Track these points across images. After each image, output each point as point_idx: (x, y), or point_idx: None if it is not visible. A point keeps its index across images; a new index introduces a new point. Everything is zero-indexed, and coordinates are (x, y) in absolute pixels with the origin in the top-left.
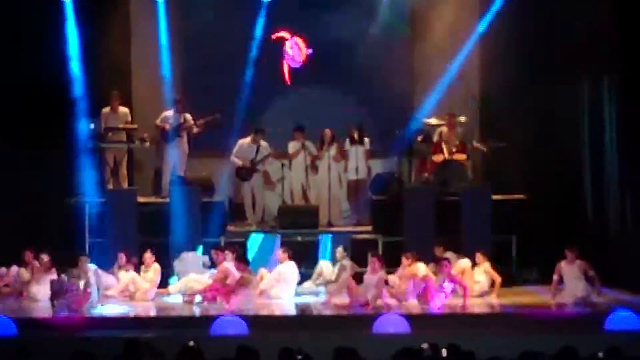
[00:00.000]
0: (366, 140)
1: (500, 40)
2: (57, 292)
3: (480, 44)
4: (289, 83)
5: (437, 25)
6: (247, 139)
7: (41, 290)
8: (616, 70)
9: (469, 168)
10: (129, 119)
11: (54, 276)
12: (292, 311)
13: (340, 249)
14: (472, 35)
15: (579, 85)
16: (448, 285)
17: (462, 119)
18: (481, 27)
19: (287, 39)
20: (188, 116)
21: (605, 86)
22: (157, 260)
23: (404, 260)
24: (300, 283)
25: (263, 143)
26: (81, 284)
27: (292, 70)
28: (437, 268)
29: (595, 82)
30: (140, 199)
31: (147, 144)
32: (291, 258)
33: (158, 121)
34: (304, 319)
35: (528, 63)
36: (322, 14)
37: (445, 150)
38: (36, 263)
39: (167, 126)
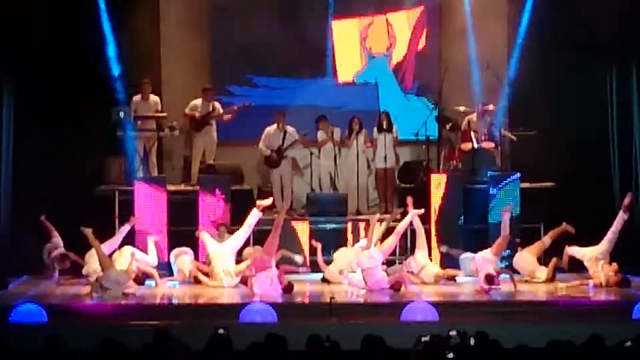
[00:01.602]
0: (394, 128)
1: (528, 27)
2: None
3: (508, 31)
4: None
5: (465, 12)
6: (274, 126)
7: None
8: None
9: (497, 156)
10: (159, 107)
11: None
12: (320, 299)
13: None
14: (501, 23)
15: (608, 72)
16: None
17: (491, 107)
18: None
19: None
20: (217, 104)
21: (634, 73)
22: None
23: None
24: None
25: (290, 129)
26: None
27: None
28: None
29: (623, 69)
30: (170, 187)
31: (177, 132)
32: None
33: (187, 110)
34: (333, 307)
35: (556, 50)
36: None
37: (473, 138)
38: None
39: (197, 114)
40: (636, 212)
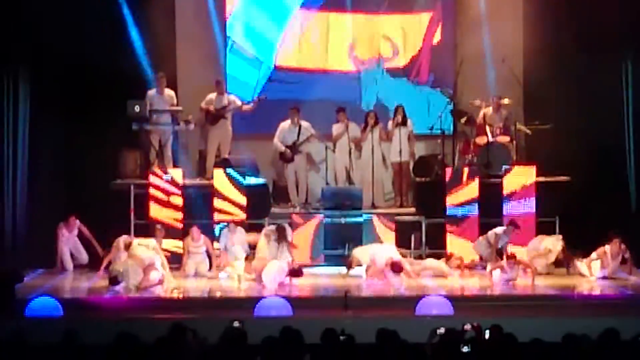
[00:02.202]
0: (409, 122)
1: (543, 20)
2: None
3: (523, 25)
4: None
5: (480, 5)
6: (288, 121)
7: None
8: None
9: (512, 150)
10: (175, 101)
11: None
12: (336, 292)
13: None
14: (516, 17)
15: (623, 66)
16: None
17: (506, 100)
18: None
19: None
20: (232, 97)
21: None
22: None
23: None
24: None
25: (304, 124)
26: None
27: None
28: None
29: (638, 63)
30: (185, 181)
31: (192, 126)
32: None
33: (203, 104)
34: (348, 300)
35: (571, 44)
36: None
37: (488, 132)
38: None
39: (212, 108)
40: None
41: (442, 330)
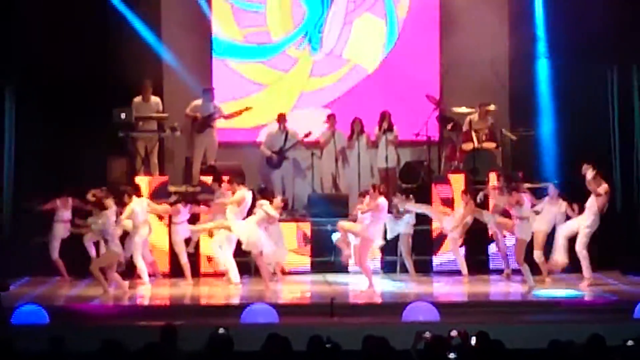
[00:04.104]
0: (395, 129)
1: (529, 27)
2: None
3: (509, 31)
4: None
5: (467, 12)
6: (275, 128)
7: None
8: None
9: (498, 156)
10: (160, 108)
11: None
12: (322, 299)
13: None
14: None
15: (609, 73)
16: None
17: (492, 107)
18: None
19: None
20: (219, 105)
21: (635, 74)
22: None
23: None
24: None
25: (291, 130)
26: None
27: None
28: None
29: (624, 70)
30: (171, 188)
31: (178, 133)
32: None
33: (188, 110)
34: (334, 307)
35: (558, 51)
36: None
37: (474, 138)
38: None
39: (198, 115)
40: (635, 213)
41: (427, 334)
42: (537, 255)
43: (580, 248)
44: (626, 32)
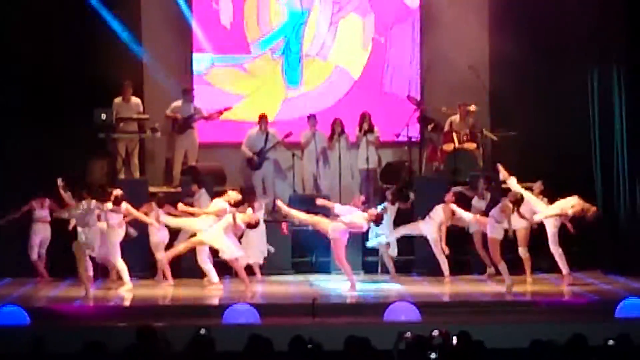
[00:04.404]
0: (376, 129)
1: (509, 27)
2: None
3: (489, 31)
4: None
5: (448, 13)
6: (255, 129)
7: None
8: (625, 60)
9: (479, 157)
10: (141, 109)
11: None
12: (303, 300)
13: None
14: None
15: (589, 74)
16: None
17: (473, 107)
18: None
19: None
20: (199, 106)
21: (615, 75)
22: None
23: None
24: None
25: (271, 131)
26: None
27: None
28: None
29: (604, 71)
30: (152, 189)
31: (159, 134)
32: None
33: (168, 111)
34: (315, 307)
35: (538, 52)
36: None
37: (455, 139)
38: None
39: (179, 116)
40: (616, 213)
41: (409, 334)
42: (522, 252)
43: (554, 247)
44: (606, 33)
